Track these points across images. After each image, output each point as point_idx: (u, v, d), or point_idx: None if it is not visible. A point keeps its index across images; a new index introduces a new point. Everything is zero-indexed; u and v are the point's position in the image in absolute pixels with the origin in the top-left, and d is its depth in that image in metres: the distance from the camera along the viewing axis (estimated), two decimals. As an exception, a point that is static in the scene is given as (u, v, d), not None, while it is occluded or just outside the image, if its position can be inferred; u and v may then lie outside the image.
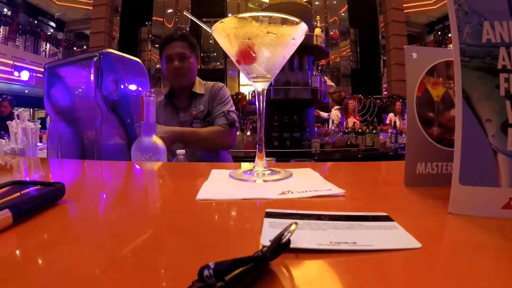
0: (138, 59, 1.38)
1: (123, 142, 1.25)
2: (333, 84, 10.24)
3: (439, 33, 15.99)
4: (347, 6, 12.48)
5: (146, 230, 0.40)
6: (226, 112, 2.01)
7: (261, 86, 0.69)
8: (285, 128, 3.59)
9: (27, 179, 0.74)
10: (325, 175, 0.67)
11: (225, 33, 0.65)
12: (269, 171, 0.65)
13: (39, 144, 1.82)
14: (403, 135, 6.57)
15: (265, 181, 0.60)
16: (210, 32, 0.68)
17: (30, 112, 15.26)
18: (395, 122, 4.80)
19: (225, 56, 12.44)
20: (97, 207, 0.51)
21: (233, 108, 2.10)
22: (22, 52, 12.57)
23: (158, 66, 12.45)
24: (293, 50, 0.70)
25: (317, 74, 3.74)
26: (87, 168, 0.92)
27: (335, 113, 6.50)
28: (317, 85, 3.68)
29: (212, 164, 0.88)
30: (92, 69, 1.16)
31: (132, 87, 1.30)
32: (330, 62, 12.30)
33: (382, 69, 12.85)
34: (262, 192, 0.54)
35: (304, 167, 0.75)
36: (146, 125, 1.11)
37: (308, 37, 3.83)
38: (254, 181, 0.60)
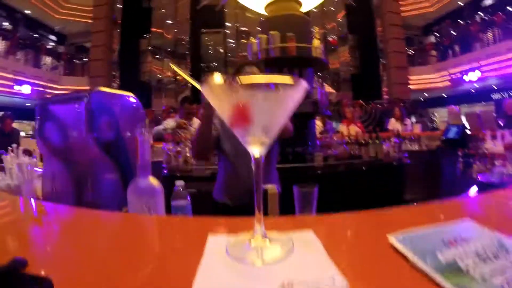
0: (131, 94, 1.34)
1: (119, 183, 1.21)
2: (334, 91, 10.24)
3: (437, 34, 16.01)
4: (344, 11, 12.48)
5: None
6: None
7: (258, 151, 0.64)
8: (287, 142, 3.54)
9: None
10: (327, 243, 0.63)
11: (214, 95, 0.61)
12: (268, 242, 0.61)
13: (37, 169, 1.78)
14: (406, 141, 6.54)
15: (264, 262, 0.56)
16: (199, 88, 0.65)
17: (31, 125, 15.30)
18: (398, 131, 4.75)
19: (225, 65, 12.45)
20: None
21: None
22: (23, 66, 12.61)
23: (159, 76, 12.47)
24: (295, 107, 0.65)
25: (317, 86, 3.71)
26: (76, 233, 0.88)
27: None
28: (317, 97, 3.65)
29: (212, 219, 0.84)
30: (82, 112, 1.13)
31: (126, 124, 1.27)
32: (330, 67, 12.30)
33: (381, 73, 12.83)
34: (261, 283, 0.51)
35: (307, 226, 0.72)
36: (141, 166, 1.07)
37: (307, 49, 3.80)
38: (253, 263, 0.56)
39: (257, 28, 4.39)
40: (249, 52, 3.97)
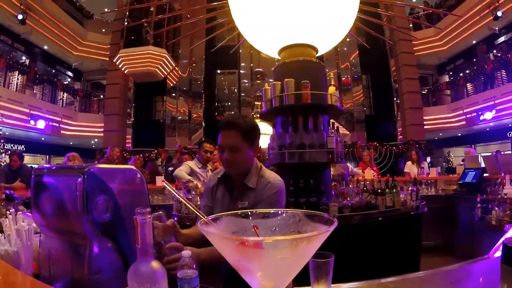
0: (132, 167, 1.27)
1: (119, 264, 1.13)
2: (348, 132, 10.16)
3: (451, 73, 16.03)
4: (357, 52, 12.57)
5: None
6: None
7: None
8: (301, 192, 3.44)
9: None
10: None
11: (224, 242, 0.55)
12: None
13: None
14: (423, 185, 6.38)
15: None
16: (206, 219, 0.58)
17: (46, 158, 15.47)
18: (415, 177, 4.60)
19: (239, 105, 12.53)
20: None
21: None
22: (39, 101, 12.85)
23: (173, 113, 12.56)
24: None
25: (332, 134, 3.62)
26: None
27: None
28: (333, 146, 3.56)
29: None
30: (77, 193, 1.06)
31: (126, 203, 1.19)
32: (344, 107, 12.27)
33: (396, 113, 12.75)
34: None
35: None
36: (142, 250, 0.99)
37: (322, 96, 3.75)
38: None
39: (271, 69, 4.38)
40: (264, 99, 3.94)
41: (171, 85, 12.64)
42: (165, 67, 11.21)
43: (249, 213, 0.75)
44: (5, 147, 10.26)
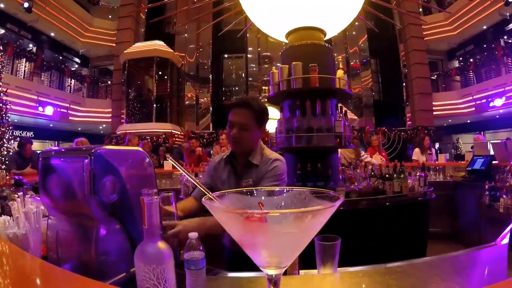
0: (139, 148, 1.26)
1: (126, 245, 1.13)
2: (356, 117, 10.10)
3: (461, 59, 15.80)
4: (366, 36, 12.41)
5: None
6: None
7: (274, 272, 0.56)
8: (308, 176, 3.42)
9: None
10: None
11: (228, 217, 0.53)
12: None
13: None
14: (431, 171, 6.32)
15: None
16: (212, 196, 0.57)
17: (54, 144, 15.57)
18: (423, 164, 4.53)
19: (246, 89, 12.47)
20: None
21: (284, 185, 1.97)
22: (47, 87, 12.89)
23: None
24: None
25: (340, 118, 3.59)
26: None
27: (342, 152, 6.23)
28: (341, 130, 3.53)
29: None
30: (84, 174, 1.06)
31: (133, 181, 1.18)
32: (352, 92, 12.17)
33: (405, 99, 12.63)
34: None
35: None
36: (148, 231, 0.98)
37: (331, 80, 3.71)
38: None
39: (279, 53, 4.33)
40: (271, 82, 3.90)
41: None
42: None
43: (254, 191, 0.73)
44: (14, 134, 10.33)
